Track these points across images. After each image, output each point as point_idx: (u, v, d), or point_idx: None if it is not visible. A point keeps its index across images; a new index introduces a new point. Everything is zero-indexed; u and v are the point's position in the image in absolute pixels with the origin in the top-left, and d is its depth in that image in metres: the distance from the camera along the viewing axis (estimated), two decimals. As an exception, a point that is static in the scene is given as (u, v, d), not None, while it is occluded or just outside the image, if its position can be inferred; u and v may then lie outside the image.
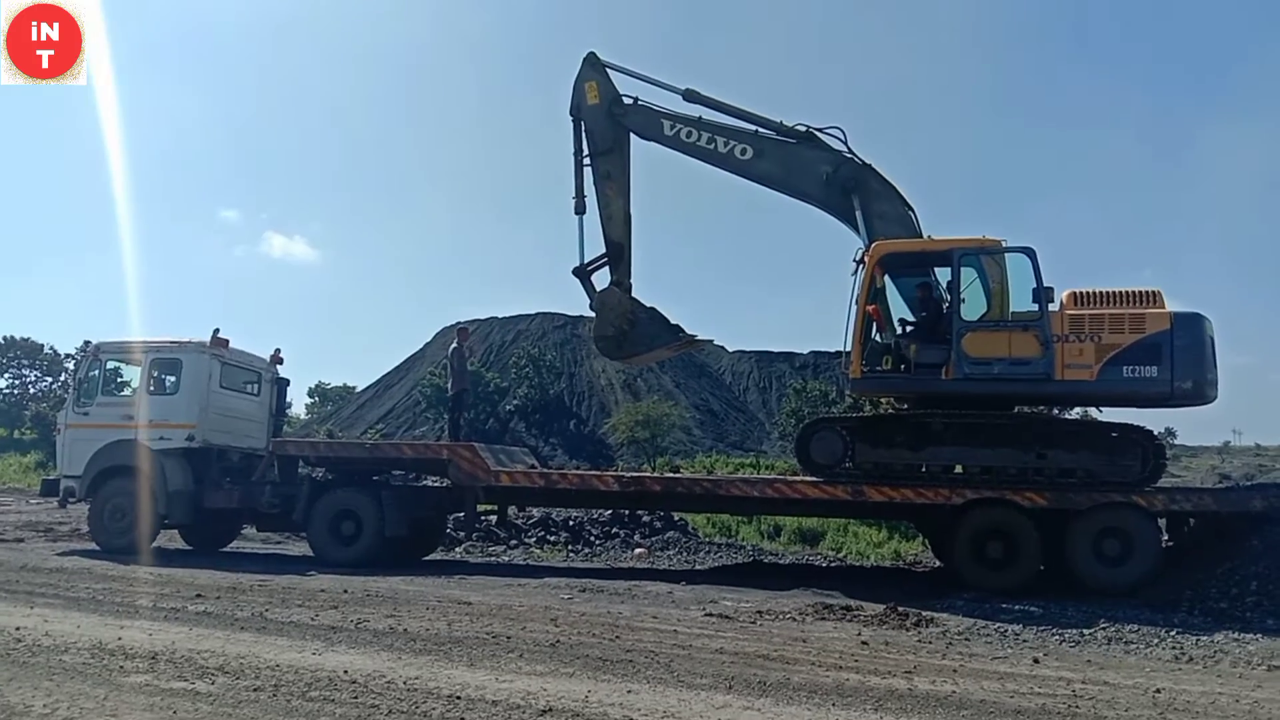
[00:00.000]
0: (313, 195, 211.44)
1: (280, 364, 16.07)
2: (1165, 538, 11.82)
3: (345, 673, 6.23)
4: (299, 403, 77.99)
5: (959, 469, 11.82)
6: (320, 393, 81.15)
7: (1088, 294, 11.33)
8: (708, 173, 13.17)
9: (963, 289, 11.42)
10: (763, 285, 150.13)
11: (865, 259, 11.80)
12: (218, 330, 14.67)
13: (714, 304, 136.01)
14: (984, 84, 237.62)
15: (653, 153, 13.40)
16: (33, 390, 56.22)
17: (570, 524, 17.05)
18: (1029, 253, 11.22)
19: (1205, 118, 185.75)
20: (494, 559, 15.17)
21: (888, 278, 12.23)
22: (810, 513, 16.73)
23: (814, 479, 12.23)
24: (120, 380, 14.99)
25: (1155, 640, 8.43)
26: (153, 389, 14.41)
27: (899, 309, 12.55)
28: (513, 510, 15.92)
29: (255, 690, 5.78)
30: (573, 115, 13.43)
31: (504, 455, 14.42)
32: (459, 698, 5.66)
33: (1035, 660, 7.53)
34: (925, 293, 12.16)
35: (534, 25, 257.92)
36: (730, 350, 74.39)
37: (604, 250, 13.38)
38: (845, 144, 12.53)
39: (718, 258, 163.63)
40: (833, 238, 12.99)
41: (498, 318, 73.98)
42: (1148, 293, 11.25)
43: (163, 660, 6.56)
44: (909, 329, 12.28)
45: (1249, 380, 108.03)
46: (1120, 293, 11.26)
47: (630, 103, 13.28)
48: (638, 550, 15.75)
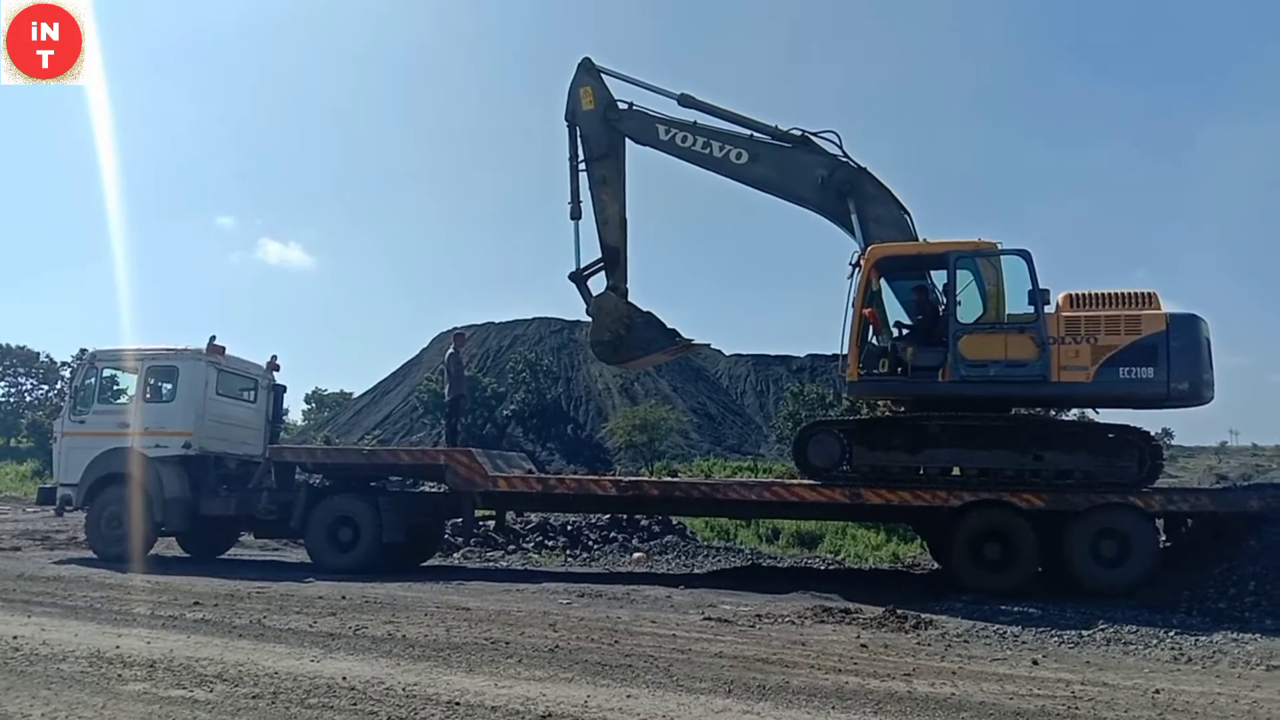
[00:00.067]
0: (308, 202, 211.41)
1: (277, 370, 16.07)
2: (1163, 538, 11.82)
3: (344, 679, 6.22)
4: (296, 409, 77.83)
5: (956, 471, 11.85)
6: (317, 399, 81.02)
7: (1083, 296, 11.35)
8: (703, 177, 13.19)
9: (959, 292, 11.45)
10: (759, 289, 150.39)
11: (861, 262, 11.83)
12: (214, 337, 14.68)
13: (710, 308, 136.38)
14: (979, 87, 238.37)
15: (648, 157, 13.43)
16: (29, 398, 56.30)
17: (568, 529, 17.04)
18: (1024, 255, 11.26)
19: (1202, 119, 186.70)
20: (492, 564, 15.15)
21: (884, 281, 12.24)
22: (808, 516, 16.74)
23: (812, 482, 12.23)
24: (116, 388, 14.97)
25: (1154, 641, 8.44)
26: (149, 396, 14.40)
27: (895, 312, 12.55)
28: (510, 515, 15.89)
29: (254, 698, 5.76)
30: (568, 121, 13.44)
31: (501, 460, 14.42)
32: (458, 704, 5.65)
33: (1034, 662, 7.53)
34: (921, 295, 12.18)
35: (529, 31, 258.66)
36: (727, 354, 74.58)
37: (600, 255, 13.38)
38: (840, 148, 12.56)
39: (714, 262, 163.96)
40: (828, 241, 13.02)
41: (494, 323, 73.99)
42: (1143, 294, 11.28)
43: (161, 668, 6.54)
44: (905, 332, 12.30)
45: (1245, 381, 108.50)
46: (1116, 294, 11.28)
47: (625, 108, 13.28)
48: (636, 554, 15.74)
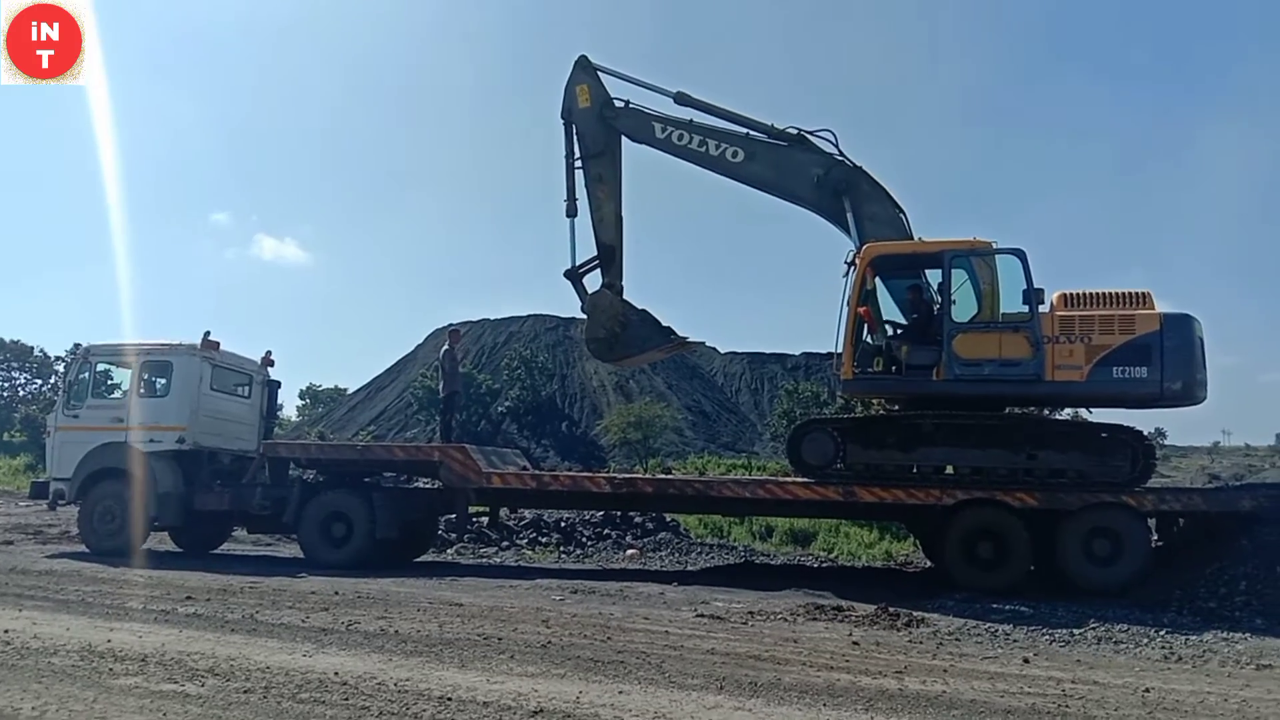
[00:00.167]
0: (304, 198, 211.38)
1: (271, 366, 16.03)
2: (1155, 538, 11.86)
3: (336, 674, 6.21)
4: (290, 405, 77.98)
5: (950, 470, 11.86)
6: (311, 395, 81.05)
7: (1078, 295, 11.37)
8: (699, 175, 13.22)
9: (953, 291, 11.48)
10: (755, 287, 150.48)
11: (856, 261, 11.83)
12: (208, 333, 14.67)
13: (706, 306, 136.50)
14: (974, 86, 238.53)
15: (644, 156, 13.43)
16: (22, 393, 56.12)
17: (562, 525, 17.04)
18: (1019, 254, 11.28)
19: (1198, 119, 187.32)
20: (485, 561, 15.14)
21: (879, 280, 12.24)
22: (802, 514, 16.77)
23: (806, 480, 12.25)
24: (110, 383, 14.96)
25: (1145, 640, 8.47)
26: (143, 391, 14.34)
27: (890, 311, 12.57)
28: (504, 512, 15.87)
29: (246, 692, 5.76)
30: (564, 118, 13.43)
31: (496, 457, 14.41)
32: (450, 699, 5.65)
33: (1025, 660, 7.55)
34: (916, 294, 12.19)
35: (526, 28, 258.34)
36: (722, 352, 74.62)
37: (595, 253, 13.38)
38: (836, 146, 12.57)
39: (709, 260, 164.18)
40: (824, 240, 13.02)
41: (489, 320, 74.04)
42: (1137, 294, 11.30)
43: (152, 662, 6.53)
44: (899, 331, 12.31)
45: (1238, 381, 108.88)
46: (1110, 294, 11.30)
47: (621, 106, 13.27)
48: (629, 551, 15.75)
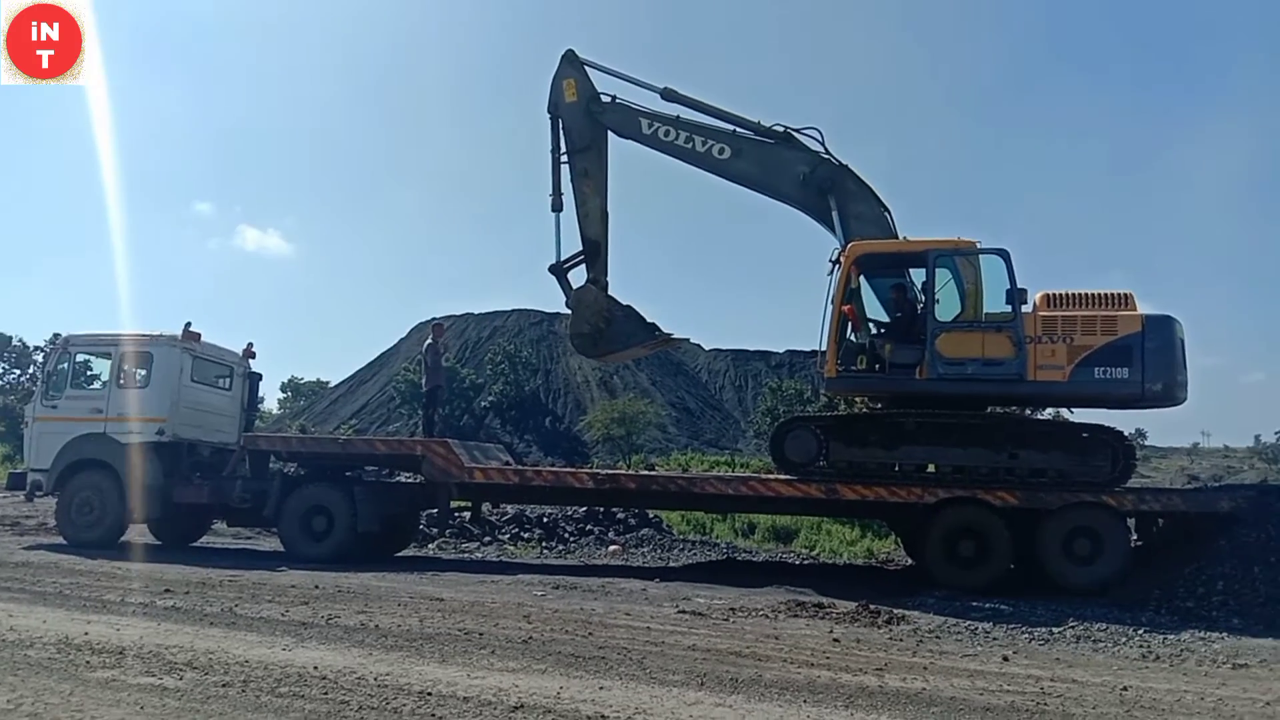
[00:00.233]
0: (287, 188, 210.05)
1: (253, 358, 15.94)
2: (1134, 538, 11.97)
3: (315, 669, 6.17)
4: (271, 397, 77.33)
5: (932, 468, 11.92)
6: (293, 388, 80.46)
7: (1060, 296, 11.44)
8: (686, 172, 13.18)
9: (937, 290, 11.53)
10: (739, 284, 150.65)
11: (841, 259, 11.86)
12: (189, 324, 14.55)
13: (690, 303, 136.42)
14: (959, 87, 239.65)
15: (630, 151, 13.40)
16: (0, 383, 55.50)
17: (544, 521, 17.03)
18: (1003, 254, 11.34)
19: (1179, 121, 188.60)
20: (467, 556, 15.12)
21: (863, 278, 12.27)
22: (784, 511, 16.82)
23: (788, 477, 12.29)
24: (90, 373, 14.81)
25: (1123, 639, 8.53)
26: (123, 382, 14.23)
27: (874, 309, 12.60)
28: (487, 507, 15.86)
29: (224, 686, 5.71)
30: (550, 113, 13.39)
31: (479, 452, 14.37)
32: (430, 694, 5.62)
33: (1005, 658, 7.59)
34: (900, 293, 12.23)
35: (512, 21, 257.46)
36: (706, 349, 74.66)
37: (581, 248, 13.36)
38: (822, 145, 12.60)
39: (695, 256, 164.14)
40: (809, 238, 13.05)
41: (473, 314, 73.63)
42: (1120, 295, 11.37)
43: (130, 655, 6.47)
44: (883, 330, 12.35)
45: (1218, 382, 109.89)
46: (1093, 295, 11.38)
47: (608, 101, 13.25)
48: (612, 547, 15.76)
